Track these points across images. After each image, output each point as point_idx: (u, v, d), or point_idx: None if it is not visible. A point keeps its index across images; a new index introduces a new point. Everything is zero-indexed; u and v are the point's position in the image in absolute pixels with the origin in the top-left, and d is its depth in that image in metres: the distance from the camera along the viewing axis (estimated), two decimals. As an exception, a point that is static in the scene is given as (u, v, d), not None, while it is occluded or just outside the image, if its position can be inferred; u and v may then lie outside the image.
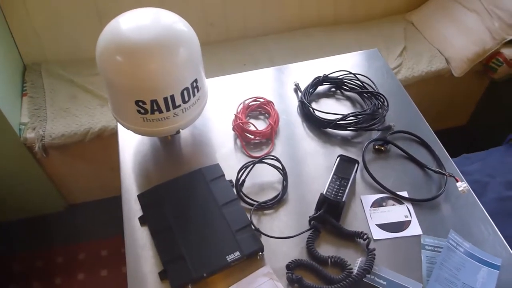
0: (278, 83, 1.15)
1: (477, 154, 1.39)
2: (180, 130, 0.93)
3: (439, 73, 1.69)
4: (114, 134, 1.50)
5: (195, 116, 0.92)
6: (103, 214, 1.75)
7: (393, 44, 1.77)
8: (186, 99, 0.85)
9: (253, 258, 0.79)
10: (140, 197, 0.88)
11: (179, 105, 0.85)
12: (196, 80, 0.86)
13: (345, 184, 0.87)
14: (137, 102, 0.81)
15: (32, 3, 1.57)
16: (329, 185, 0.87)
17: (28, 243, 1.71)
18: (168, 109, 0.84)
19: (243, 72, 1.18)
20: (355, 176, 0.90)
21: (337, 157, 0.92)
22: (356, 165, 0.91)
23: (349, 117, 1.01)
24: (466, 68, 1.66)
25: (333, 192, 0.85)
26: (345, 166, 0.91)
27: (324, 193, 0.85)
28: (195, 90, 0.87)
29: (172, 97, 0.82)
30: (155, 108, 0.82)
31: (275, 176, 0.93)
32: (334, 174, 0.89)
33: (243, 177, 0.91)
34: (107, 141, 1.50)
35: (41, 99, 1.55)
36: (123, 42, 0.79)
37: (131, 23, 0.82)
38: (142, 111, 0.83)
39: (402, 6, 1.95)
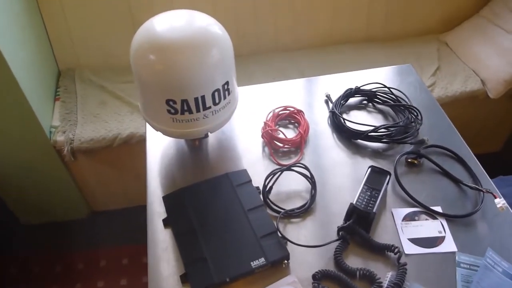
0: (308, 94, 1.13)
1: (514, 177, 1.33)
2: (209, 134, 0.92)
3: (474, 94, 1.64)
4: (141, 141, 1.52)
5: (225, 120, 0.91)
6: (125, 223, 1.75)
7: (426, 63, 1.74)
8: (217, 101, 0.84)
9: (278, 266, 0.77)
10: (165, 198, 0.87)
11: (209, 107, 0.84)
12: (227, 83, 0.85)
13: (376, 195, 0.84)
14: (167, 102, 0.81)
15: (70, 11, 1.62)
16: (359, 195, 0.84)
17: (49, 247, 1.72)
18: (198, 110, 0.83)
19: (274, 82, 1.17)
20: (386, 188, 0.87)
21: (368, 168, 0.89)
22: (388, 176, 0.88)
23: (381, 129, 0.98)
24: (503, 90, 1.61)
25: (364, 203, 0.82)
26: (376, 177, 0.88)
27: (354, 203, 0.82)
28: (226, 93, 0.86)
29: (203, 97, 0.82)
30: (185, 108, 0.82)
31: (303, 184, 0.91)
32: (364, 184, 0.86)
33: (270, 184, 0.89)
34: (134, 147, 1.51)
35: (73, 104, 1.58)
36: (157, 40, 0.80)
37: (165, 23, 0.82)
38: (172, 111, 0.82)
39: (436, 27, 1.93)
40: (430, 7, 1.87)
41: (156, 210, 0.87)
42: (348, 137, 1.00)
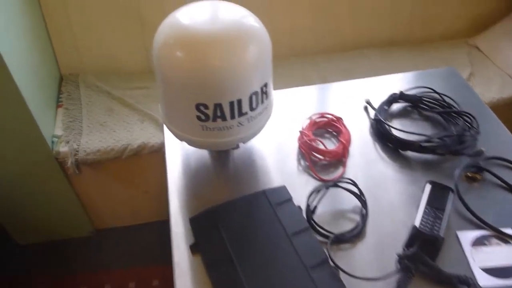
0: (341, 99, 1.01)
1: None
2: (240, 145, 0.80)
3: (513, 100, 1.54)
4: (153, 153, 1.39)
5: (260, 128, 0.79)
6: (132, 243, 1.62)
7: (458, 68, 1.62)
8: (254, 106, 0.72)
9: (332, 303, 0.64)
10: (193, 221, 0.74)
11: (246, 113, 0.72)
12: (266, 85, 0.73)
13: (441, 216, 0.72)
14: (198, 106, 0.69)
15: (74, 12, 1.50)
16: (422, 216, 0.71)
17: (49, 268, 1.58)
18: (232, 117, 0.71)
19: (300, 87, 1.06)
20: (449, 207, 0.75)
21: (428, 183, 0.77)
22: (450, 193, 0.76)
23: (434, 138, 0.86)
24: (544, 96, 1.51)
25: (428, 225, 0.70)
26: (437, 194, 0.76)
27: (417, 226, 0.70)
28: (264, 96, 0.74)
29: (239, 102, 0.69)
30: (219, 114, 0.70)
31: (349, 203, 0.78)
32: (427, 203, 0.74)
33: (314, 203, 0.76)
34: (144, 160, 1.38)
35: (77, 111, 1.45)
36: (185, 34, 0.68)
37: (193, 16, 0.70)
38: (203, 117, 0.70)
39: (464, 30, 1.83)
40: (457, 9, 1.78)
41: (182, 233, 0.74)
42: (395, 147, 0.88)
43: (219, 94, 0.68)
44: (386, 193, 0.80)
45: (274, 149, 0.89)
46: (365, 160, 0.87)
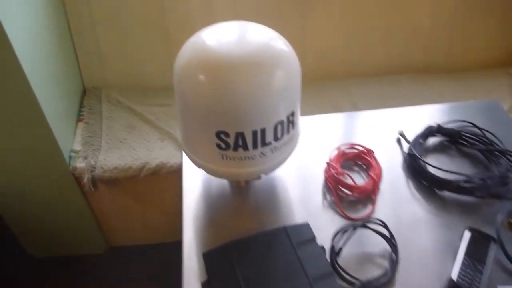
0: (373, 129, 0.95)
1: None
2: (262, 176, 0.74)
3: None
4: (171, 173, 1.35)
5: (284, 159, 0.73)
6: (145, 262, 1.57)
7: (498, 100, 1.55)
8: (279, 136, 0.67)
9: None
10: (206, 256, 0.68)
11: (269, 143, 0.66)
12: (293, 113, 0.68)
13: (481, 269, 0.65)
14: (218, 134, 0.64)
15: (101, 25, 1.49)
16: (460, 268, 0.64)
17: (59, 283, 1.54)
18: (255, 147, 0.65)
19: (327, 114, 1.00)
20: (491, 259, 0.67)
21: (466, 230, 0.70)
22: (492, 243, 0.68)
23: (474, 178, 0.78)
24: None
25: (467, 279, 0.63)
26: (477, 243, 0.68)
27: (455, 279, 0.62)
28: (290, 126, 0.68)
29: (263, 131, 0.64)
30: (240, 143, 0.64)
31: (378, 246, 0.71)
32: (465, 254, 0.66)
33: (339, 244, 0.70)
34: (162, 180, 1.34)
35: (97, 126, 1.42)
36: (209, 57, 0.63)
37: (220, 36, 0.66)
38: (223, 145, 0.65)
39: (505, 58, 1.74)
40: (498, 36, 1.70)
41: (194, 268, 0.69)
42: (430, 186, 0.81)
43: (241, 122, 0.63)
44: (419, 238, 0.73)
45: (298, 181, 0.83)
46: (396, 198, 0.80)
